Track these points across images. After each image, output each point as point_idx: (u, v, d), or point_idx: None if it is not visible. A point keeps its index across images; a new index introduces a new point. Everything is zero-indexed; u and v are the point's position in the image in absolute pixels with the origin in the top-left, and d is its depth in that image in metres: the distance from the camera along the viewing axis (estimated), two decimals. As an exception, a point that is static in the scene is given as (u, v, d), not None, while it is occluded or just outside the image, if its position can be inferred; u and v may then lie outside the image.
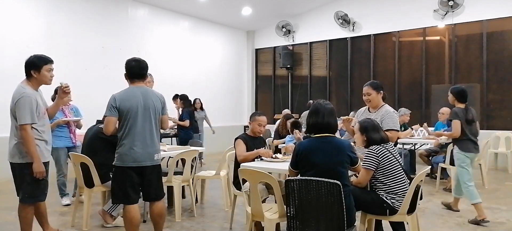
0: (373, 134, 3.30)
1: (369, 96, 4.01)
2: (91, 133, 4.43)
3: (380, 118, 3.83)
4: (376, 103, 4.01)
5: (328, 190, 2.64)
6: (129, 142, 3.22)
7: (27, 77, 3.33)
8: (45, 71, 3.32)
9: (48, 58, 3.37)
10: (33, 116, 3.22)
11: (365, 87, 4.05)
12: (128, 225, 3.31)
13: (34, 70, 3.29)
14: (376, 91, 3.98)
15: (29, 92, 3.24)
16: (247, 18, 11.47)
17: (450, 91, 4.76)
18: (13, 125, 3.32)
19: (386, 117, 3.85)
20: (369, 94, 4.00)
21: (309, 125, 3.08)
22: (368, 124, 3.38)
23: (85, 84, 7.70)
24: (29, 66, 3.30)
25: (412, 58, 9.95)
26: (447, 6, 8.97)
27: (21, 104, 3.18)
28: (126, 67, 3.35)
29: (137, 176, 3.28)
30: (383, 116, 3.87)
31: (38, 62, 3.30)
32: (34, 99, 3.26)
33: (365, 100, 4.08)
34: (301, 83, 11.86)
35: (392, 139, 3.65)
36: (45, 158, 3.38)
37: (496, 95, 8.88)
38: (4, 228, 4.43)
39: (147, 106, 3.29)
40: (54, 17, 7.81)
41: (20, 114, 3.19)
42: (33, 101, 3.23)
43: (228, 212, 4.66)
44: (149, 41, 9.65)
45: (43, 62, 3.31)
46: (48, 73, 3.34)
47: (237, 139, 4.12)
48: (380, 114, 3.90)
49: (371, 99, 4.01)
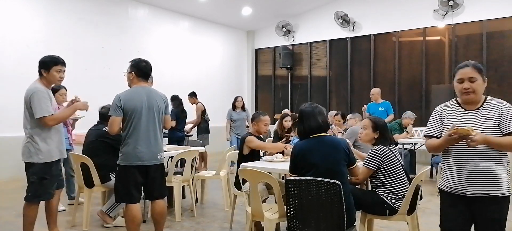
0: (386, 134, 3.32)
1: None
2: (93, 134, 4.43)
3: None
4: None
5: (328, 190, 2.64)
6: (134, 141, 3.27)
7: (39, 76, 3.47)
8: (55, 71, 3.43)
9: (59, 59, 3.48)
10: (49, 108, 3.33)
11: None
12: (130, 224, 3.35)
13: (44, 69, 3.42)
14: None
15: (42, 89, 3.37)
16: (247, 18, 11.48)
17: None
18: (26, 123, 3.40)
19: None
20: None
21: (298, 133, 3.13)
22: (384, 122, 3.41)
23: (85, 84, 7.70)
24: (41, 66, 3.44)
25: (412, 58, 9.95)
26: (447, 6, 8.97)
27: (36, 98, 3.29)
28: (136, 66, 3.41)
29: (141, 175, 3.33)
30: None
31: (49, 62, 3.42)
32: (47, 95, 3.39)
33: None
34: (301, 83, 11.87)
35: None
36: (54, 157, 3.46)
37: (496, 95, 8.76)
38: (4, 228, 4.43)
39: (151, 106, 3.34)
40: (54, 17, 7.81)
41: (38, 107, 3.28)
42: (47, 96, 3.36)
43: (228, 212, 4.66)
44: (149, 41, 9.65)
45: (53, 62, 3.43)
46: (57, 74, 3.45)
47: (247, 137, 4.13)
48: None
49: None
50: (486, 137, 2.26)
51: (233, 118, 7.77)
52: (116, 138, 3.65)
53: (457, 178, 2.37)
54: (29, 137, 3.36)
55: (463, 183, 2.35)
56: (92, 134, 4.46)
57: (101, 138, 4.27)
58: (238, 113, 7.89)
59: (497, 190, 2.30)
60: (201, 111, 8.12)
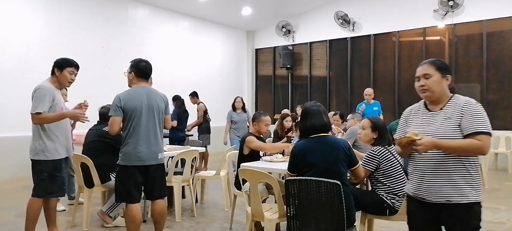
0: (385, 134, 3.32)
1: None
2: (93, 134, 4.44)
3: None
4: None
5: (328, 190, 2.64)
6: (134, 141, 3.27)
7: (51, 75, 3.58)
8: (67, 72, 3.55)
9: (73, 62, 3.62)
10: (44, 105, 3.37)
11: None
12: (130, 224, 3.35)
13: (58, 68, 3.54)
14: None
15: (47, 86, 3.46)
16: (247, 18, 11.47)
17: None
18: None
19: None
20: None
21: (300, 129, 3.12)
22: (383, 122, 3.41)
23: (85, 84, 7.68)
24: (55, 65, 3.57)
25: (412, 58, 9.94)
26: (447, 6, 8.97)
27: (36, 95, 3.40)
28: (135, 66, 3.44)
29: (141, 175, 3.34)
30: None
31: (63, 63, 3.56)
32: (51, 93, 3.45)
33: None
34: (301, 83, 11.86)
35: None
36: (61, 154, 3.53)
37: (496, 95, 8.88)
38: (4, 228, 4.43)
39: (151, 106, 3.35)
40: (54, 17, 7.81)
41: (33, 103, 3.39)
42: (49, 94, 3.42)
43: (228, 212, 4.66)
44: (149, 41, 9.64)
45: (67, 64, 3.57)
46: (69, 75, 3.56)
47: (247, 137, 4.13)
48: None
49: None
50: (435, 141, 2.07)
51: (233, 119, 7.66)
52: (116, 138, 3.66)
53: (419, 184, 2.22)
54: (36, 135, 3.45)
55: (423, 188, 2.19)
56: (92, 134, 4.46)
57: (101, 138, 4.28)
58: (239, 114, 7.69)
59: (457, 197, 2.09)
60: (203, 111, 8.12)
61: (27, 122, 3.59)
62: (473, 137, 2.06)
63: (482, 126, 2.08)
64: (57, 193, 3.59)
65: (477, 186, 2.13)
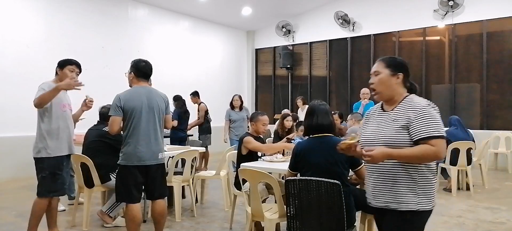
0: None
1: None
2: (93, 134, 4.43)
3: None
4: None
5: (328, 190, 2.63)
6: (134, 141, 3.28)
7: (55, 75, 3.71)
8: (67, 70, 3.64)
9: (74, 60, 3.76)
10: (41, 93, 3.46)
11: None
12: (130, 224, 3.36)
13: (59, 67, 3.67)
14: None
15: (49, 83, 3.57)
16: (247, 18, 11.48)
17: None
18: (38, 120, 3.58)
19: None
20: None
21: (305, 127, 3.11)
22: None
23: (85, 84, 7.66)
24: (57, 65, 3.71)
25: (412, 58, 9.94)
26: (447, 6, 8.97)
27: (38, 89, 3.51)
28: (135, 66, 3.46)
29: (141, 175, 3.34)
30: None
31: (64, 62, 3.69)
32: (50, 88, 3.51)
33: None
34: (301, 83, 11.86)
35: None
36: (63, 151, 3.62)
37: (496, 95, 8.88)
38: (4, 228, 4.43)
39: (151, 106, 3.35)
40: (54, 17, 7.81)
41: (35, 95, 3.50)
42: (48, 88, 3.48)
43: (228, 212, 4.65)
44: (149, 41, 9.65)
45: (67, 62, 3.70)
46: (70, 73, 3.64)
47: (245, 138, 4.11)
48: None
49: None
50: (386, 152, 1.97)
51: (232, 118, 7.62)
52: (116, 138, 3.66)
53: (367, 187, 2.20)
54: (39, 133, 3.54)
55: (369, 192, 2.17)
56: (92, 133, 4.46)
57: (101, 138, 4.29)
58: (237, 113, 7.64)
59: (396, 203, 2.03)
60: (204, 111, 8.11)
61: (27, 122, 3.62)
62: (426, 142, 1.94)
63: (434, 130, 1.95)
64: (57, 192, 3.62)
65: (423, 193, 2.03)
